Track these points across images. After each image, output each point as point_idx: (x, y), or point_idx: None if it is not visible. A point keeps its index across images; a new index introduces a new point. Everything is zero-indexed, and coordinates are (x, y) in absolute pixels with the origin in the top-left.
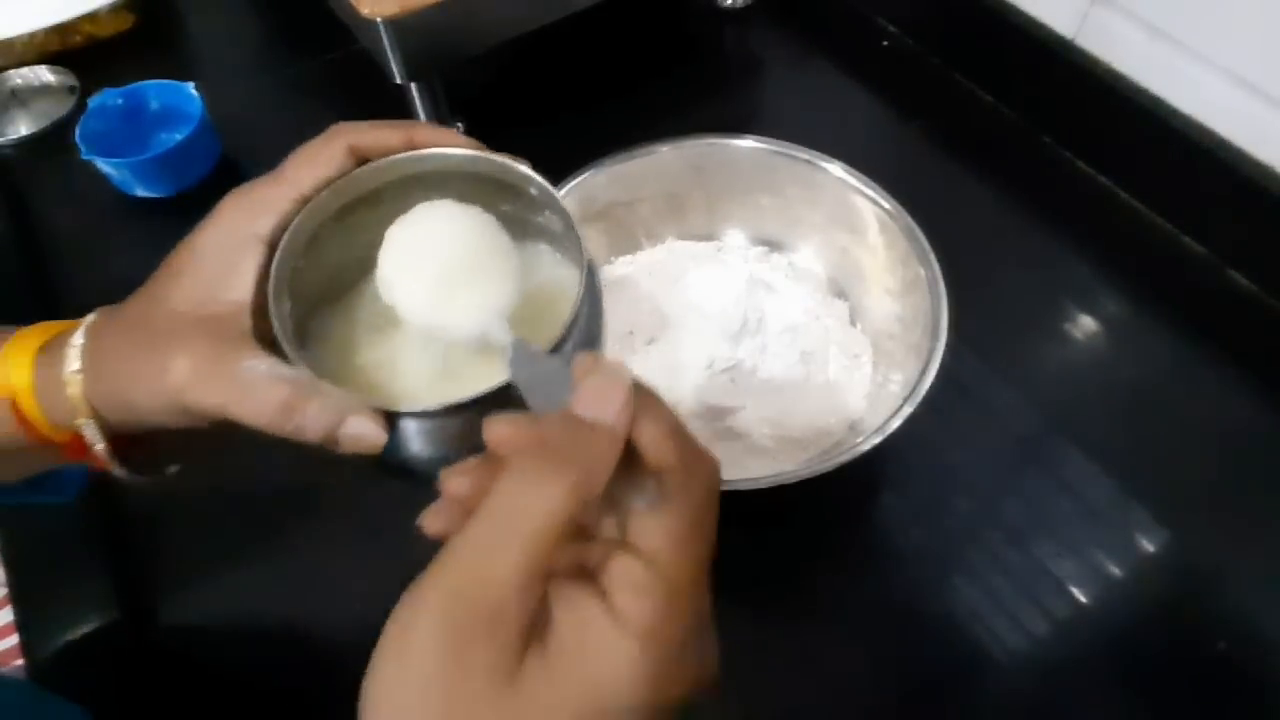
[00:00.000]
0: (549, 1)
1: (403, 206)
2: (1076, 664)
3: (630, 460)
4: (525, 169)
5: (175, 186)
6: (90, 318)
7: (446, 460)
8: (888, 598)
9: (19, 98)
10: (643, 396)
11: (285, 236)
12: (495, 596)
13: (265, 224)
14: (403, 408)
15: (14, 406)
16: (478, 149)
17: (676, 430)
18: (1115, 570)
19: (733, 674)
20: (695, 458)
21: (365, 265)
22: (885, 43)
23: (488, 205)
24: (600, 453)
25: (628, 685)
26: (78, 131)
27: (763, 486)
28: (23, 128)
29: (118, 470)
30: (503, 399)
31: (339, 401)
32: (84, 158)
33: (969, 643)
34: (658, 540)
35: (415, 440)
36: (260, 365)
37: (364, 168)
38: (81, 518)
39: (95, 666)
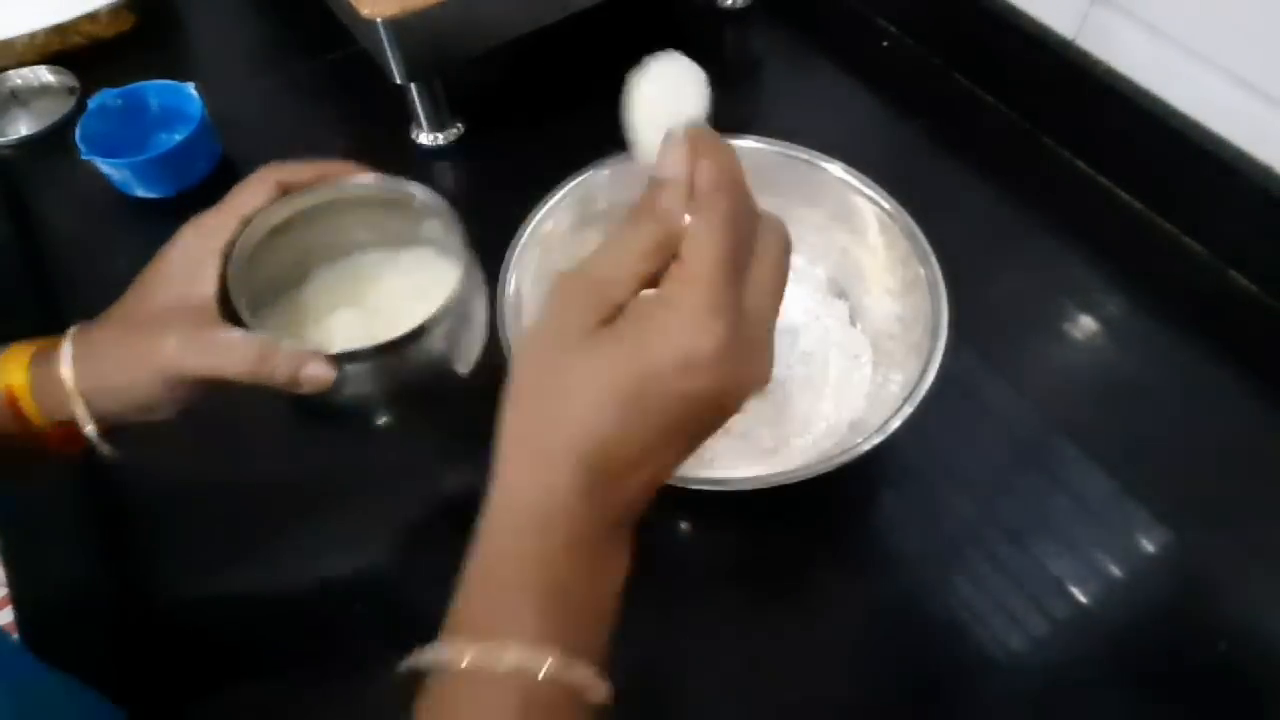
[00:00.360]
0: (548, 2)
1: (318, 225)
2: (1076, 664)
3: None
4: (410, 186)
5: (175, 187)
6: (72, 329)
7: (376, 397)
8: (888, 598)
9: (19, 98)
10: (706, 149)
11: (235, 249)
12: (597, 277)
13: (218, 241)
14: (342, 352)
15: (12, 402)
16: (372, 175)
17: (718, 168)
18: (1115, 570)
19: (733, 673)
20: (725, 188)
21: (300, 269)
22: (885, 43)
23: (379, 219)
24: (672, 200)
25: (666, 352)
26: (78, 132)
27: (763, 486)
28: (23, 128)
29: (104, 448)
30: (405, 345)
31: (299, 350)
32: (84, 158)
33: (969, 643)
34: (691, 247)
35: (352, 380)
36: (235, 333)
37: (287, 196)
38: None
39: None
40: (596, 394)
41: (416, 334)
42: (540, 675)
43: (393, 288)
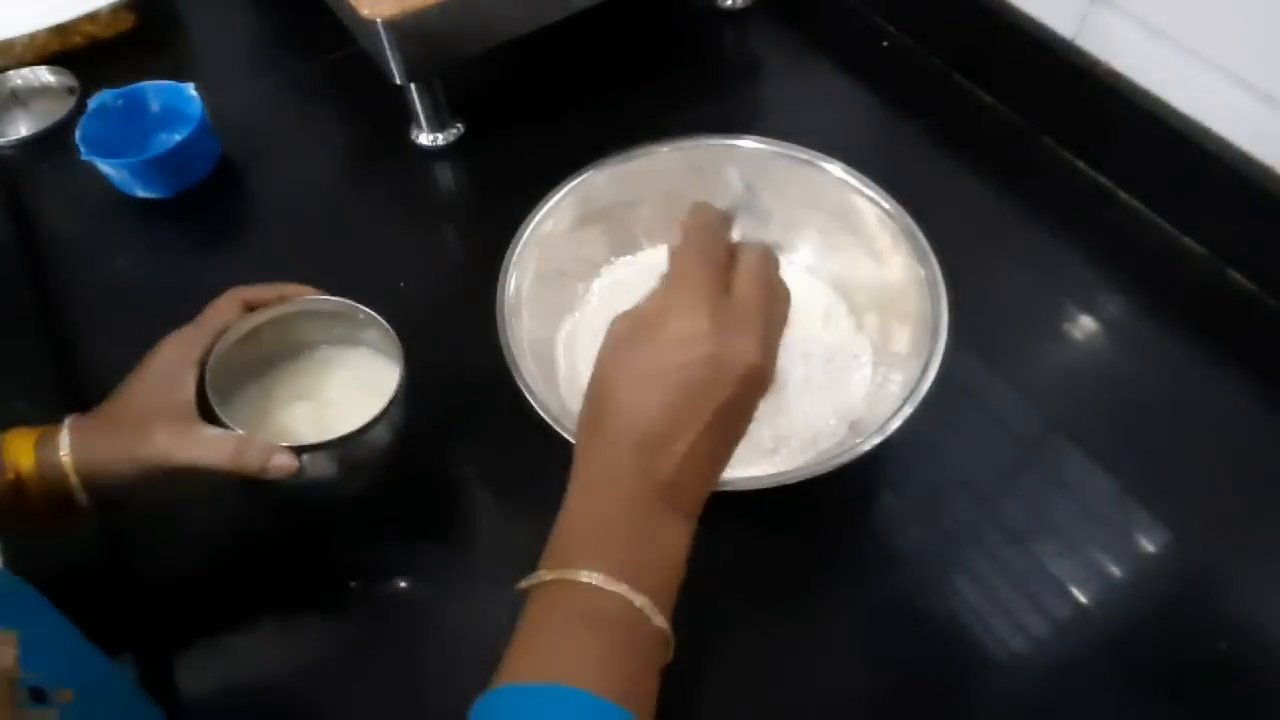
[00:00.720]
0: (548, 2)
1: (278, 331)
2: (1077, 664)
3: None
4: (352, 303)
5: (175, 187)
6: (68, 419)
7: (335, 479)
8: (888, 598)
9: (19, 98)
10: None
11: (210, 358)
12: (710, 268)
13: (195, 352)
14: (303, 443)
15: (17, 482)
16: (321, 295)
17: (695, 228)
18: (1115, 570)
19: (733, 673)
20: (695, 228)
21: (262, 364)
22: (885, 43)
23: (329, 324)
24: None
25: (668, 333)
26: (78, 132)
27: (763, 486)
28: (23, 128)
29: (94, 516)
30: (356, 439)
31: (266, 445)
32: (84, 158)
33: (969, 643)
34: (741, 262)
35: (312, 465)
36: (214, 430)
37: (251, 313)
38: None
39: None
40: (630, 382)
41: (366, 427)
42: (606, 587)
43: (342, 379)
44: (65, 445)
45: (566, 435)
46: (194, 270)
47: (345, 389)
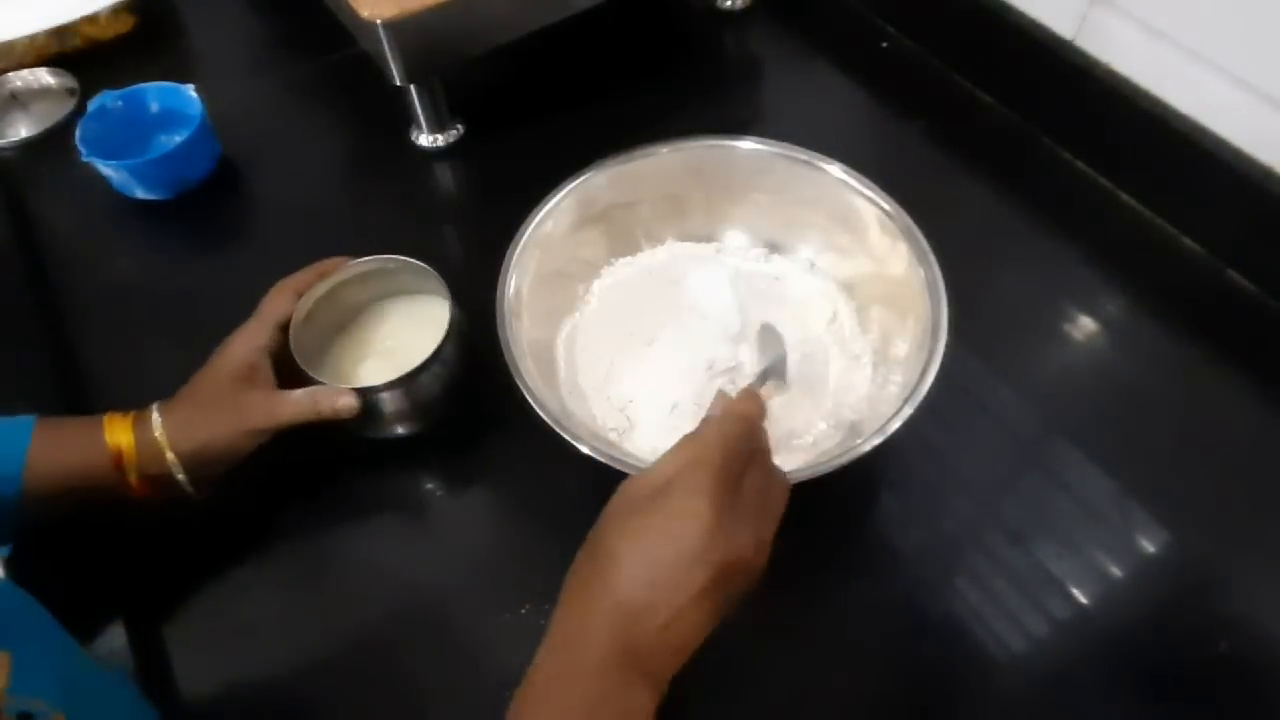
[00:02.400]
0: (548, 3)
1: (330, 301)
2: (1077, 664)
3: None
4: (383, 258)
5: (175, 188)
6: (155, 405)
7: (394, 419)
8: (888, 598)
9: (19, 100)
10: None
11: (291, 338)
12: (730, 457)
13: (262, 340)
14: (365, 385)
15: (117, 459)
16: (355, 260)
17: (734, 415)
18: (1115, 571)
19: (733, 673)
20: (730, 419)
21: (325, 340)
22: (885, 43)
23: (368, 283)
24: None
25: (677, 529)
26: (78, 134)
27: None
28: (23, 130)
29: (190, 490)
30: (410, 380)
31: (333, 389)
32: (84, 160)
33: (969, 643)
34: (758, 459)
35: (377, 406)
36: (294, 391)
37: (306, 294)
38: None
39: None
40: (623, 546)
41: (426, 364)
42: None
43: (394, 328)
44: (158, 425)
45: (566, 437)
46: (194, 271)
47: (402, 335)
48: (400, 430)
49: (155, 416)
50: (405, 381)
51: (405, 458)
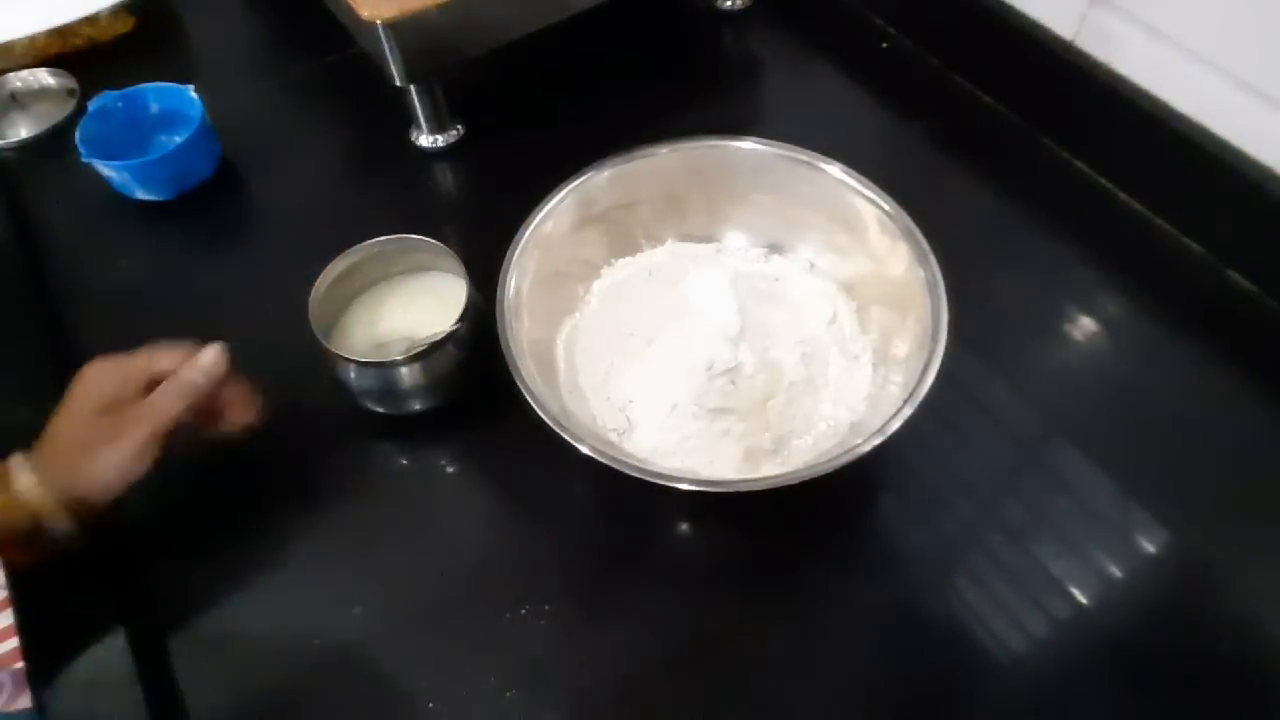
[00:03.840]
0: (548, 3)
1: (350, 278)
2: (1077, 664)
3: None
4: (403, 237)
5: (175, 189)
6: (16, 458)
7: (409, 392)
8: (888, 598)
9: (19, 101)
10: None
11: (310, 307)
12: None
13: (119, 374)
14: (384, 358)
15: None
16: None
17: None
18: (1116, 571)
19: (733, 673)
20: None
21: (352, 297)
22: (885, 44)
23: (384, 262)
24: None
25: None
26: (78, 134)
27: (763, 487)
28: (23, 131)
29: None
30: (425, 355)
31: (199, 356)
32: (84, 161)
33: (969, 643)
34: None
35: (395, 380)
36: (161, 385)
37: (335, 260)
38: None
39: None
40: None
41: (446, 339)
42: None
43: (410, 304)
44: (29, 479)
45: (567, 437)
46: (194, 272)
47: (419, 311)
48: (416, 406)
49: (22, 470)
50: (424, 355)
51: (404, 458)
